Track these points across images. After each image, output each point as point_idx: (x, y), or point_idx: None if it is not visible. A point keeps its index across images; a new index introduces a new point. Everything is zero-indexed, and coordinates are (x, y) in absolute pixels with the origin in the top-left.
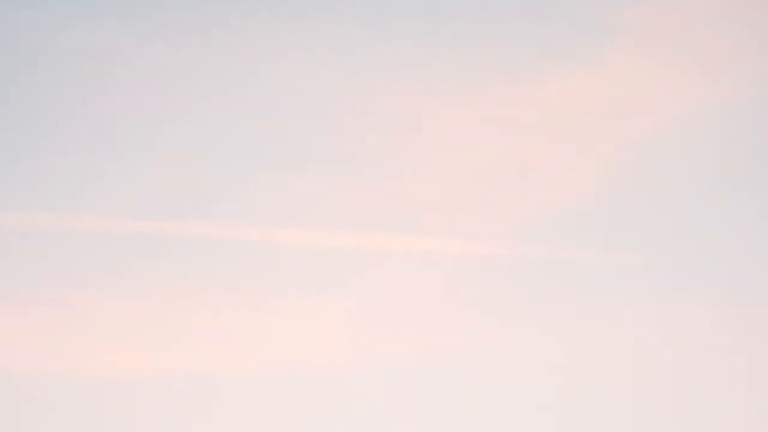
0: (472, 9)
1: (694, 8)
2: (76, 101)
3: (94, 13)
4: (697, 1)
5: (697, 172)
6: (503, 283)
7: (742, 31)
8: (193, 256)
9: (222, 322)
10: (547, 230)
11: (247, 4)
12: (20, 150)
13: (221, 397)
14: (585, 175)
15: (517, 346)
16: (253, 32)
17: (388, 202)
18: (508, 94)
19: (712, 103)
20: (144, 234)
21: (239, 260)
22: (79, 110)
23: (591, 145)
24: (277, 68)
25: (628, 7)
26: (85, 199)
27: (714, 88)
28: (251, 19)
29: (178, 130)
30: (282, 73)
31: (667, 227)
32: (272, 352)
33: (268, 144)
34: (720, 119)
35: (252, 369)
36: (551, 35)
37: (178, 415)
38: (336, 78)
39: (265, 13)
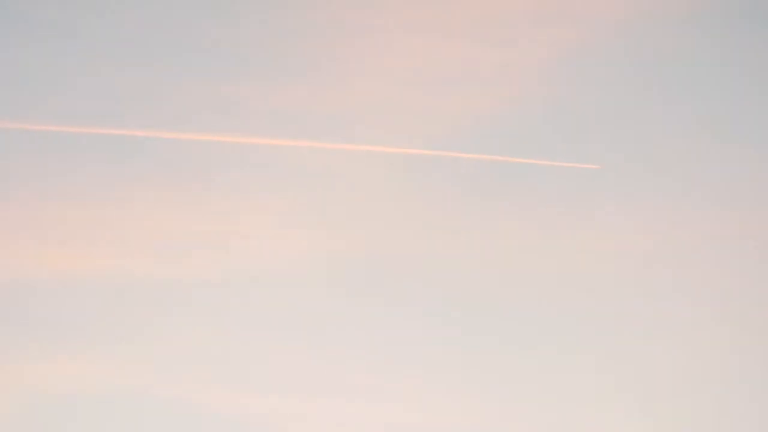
0: None
1: None
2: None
3: None
4: None
5: (640, 73)
6: (438, 187)
7: None
8: (134, 159)
9: (166, 225)
10: (484, 134)
11: None
12: None
13: (165, 299)
14: (523, 81)
15: (460, 245)
16: None
17: (325, 106)
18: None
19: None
20: (86, 138)
21: (179, 163)
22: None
23: (530, 49)
24: None
25: None
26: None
27: None
28: None
29: (120, 35)
30: None
31: (605, 132)
32: (214, 253)
33: (206, 50)
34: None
35: (199, 271)
36: None
37: (130, 318)
38: None
39: None
